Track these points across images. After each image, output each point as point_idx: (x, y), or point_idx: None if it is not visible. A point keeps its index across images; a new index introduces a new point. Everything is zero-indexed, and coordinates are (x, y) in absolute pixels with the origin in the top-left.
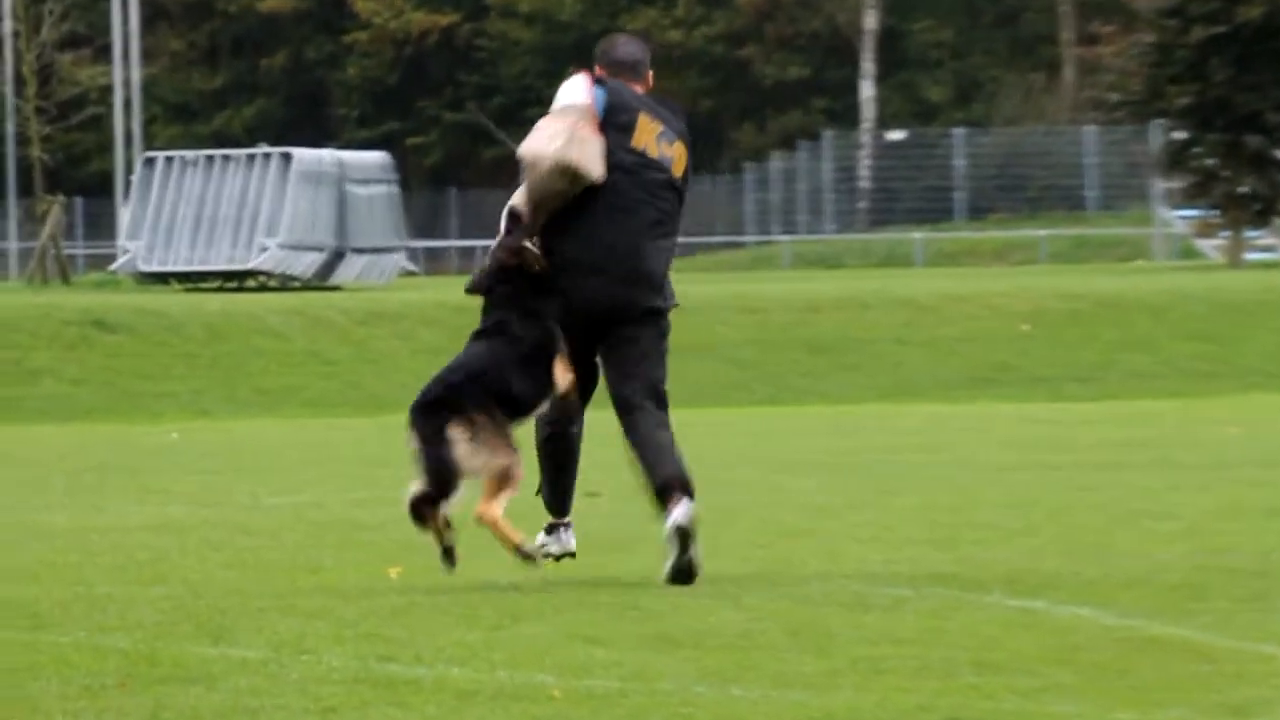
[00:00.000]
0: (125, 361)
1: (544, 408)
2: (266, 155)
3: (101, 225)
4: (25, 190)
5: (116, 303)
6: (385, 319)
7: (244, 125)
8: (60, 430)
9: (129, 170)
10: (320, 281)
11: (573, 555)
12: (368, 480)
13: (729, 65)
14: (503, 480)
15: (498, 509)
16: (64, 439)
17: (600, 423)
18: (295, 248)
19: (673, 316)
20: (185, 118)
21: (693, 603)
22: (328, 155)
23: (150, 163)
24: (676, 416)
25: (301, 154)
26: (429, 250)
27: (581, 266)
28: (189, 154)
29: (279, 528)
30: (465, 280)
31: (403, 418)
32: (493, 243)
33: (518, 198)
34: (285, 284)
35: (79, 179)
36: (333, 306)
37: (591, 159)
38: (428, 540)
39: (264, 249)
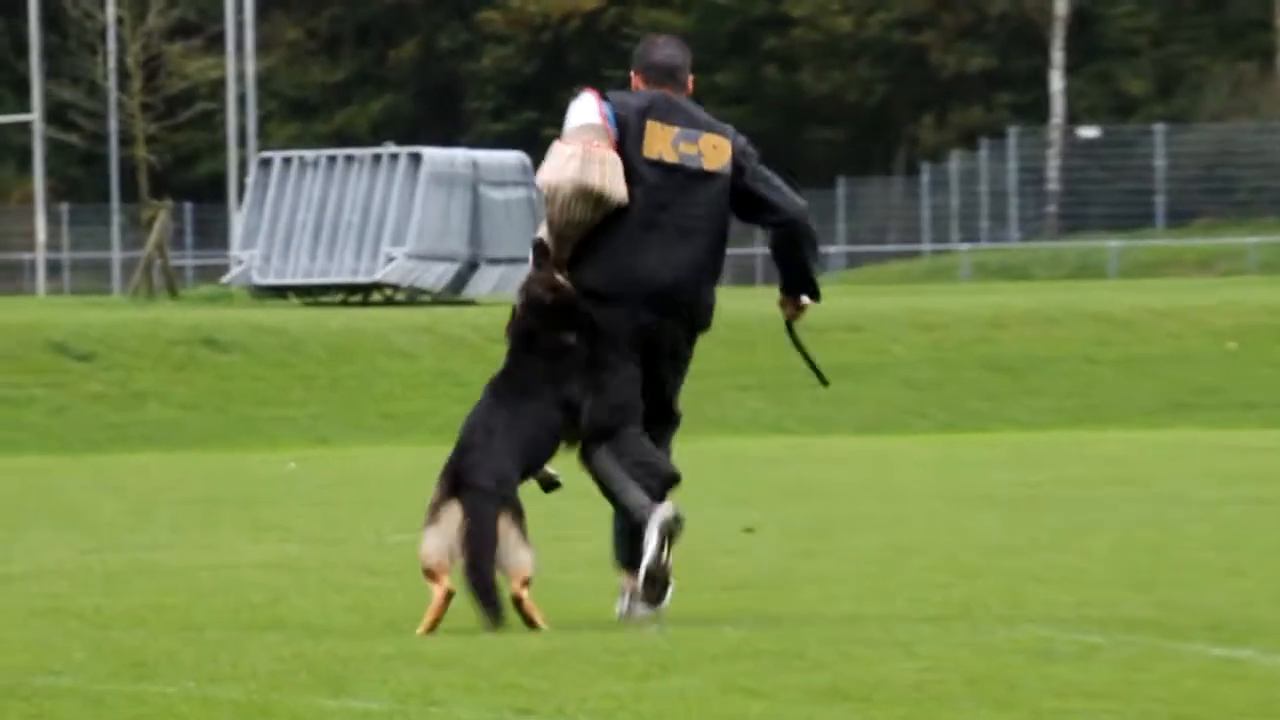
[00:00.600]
0: (238, 384)
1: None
2: (394, 156)
3: (213, 233)
4: (129, 195)
5: (229, 319)
6: None
7: (369, 122)
8: (167, 459)
9: (243, 173)
10: (452, 295)
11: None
12: None
13: (904, 55)
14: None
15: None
16: (171, 468)
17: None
18: (425, 258)
19: (843, 335)
20: (304, 114)
21: (863, 651)
22: (461, 155)
23: (266, 164)
24: (845, 445)
25: (432, 154)
26: None
27: (602, 295)
28: (308, 154)
29: (405, 567)
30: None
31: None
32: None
33: (544, 230)
34: (414, 298)
35: (188, 182)
36: (466, 323)
37: (613, 179)
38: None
39: (390, 259)
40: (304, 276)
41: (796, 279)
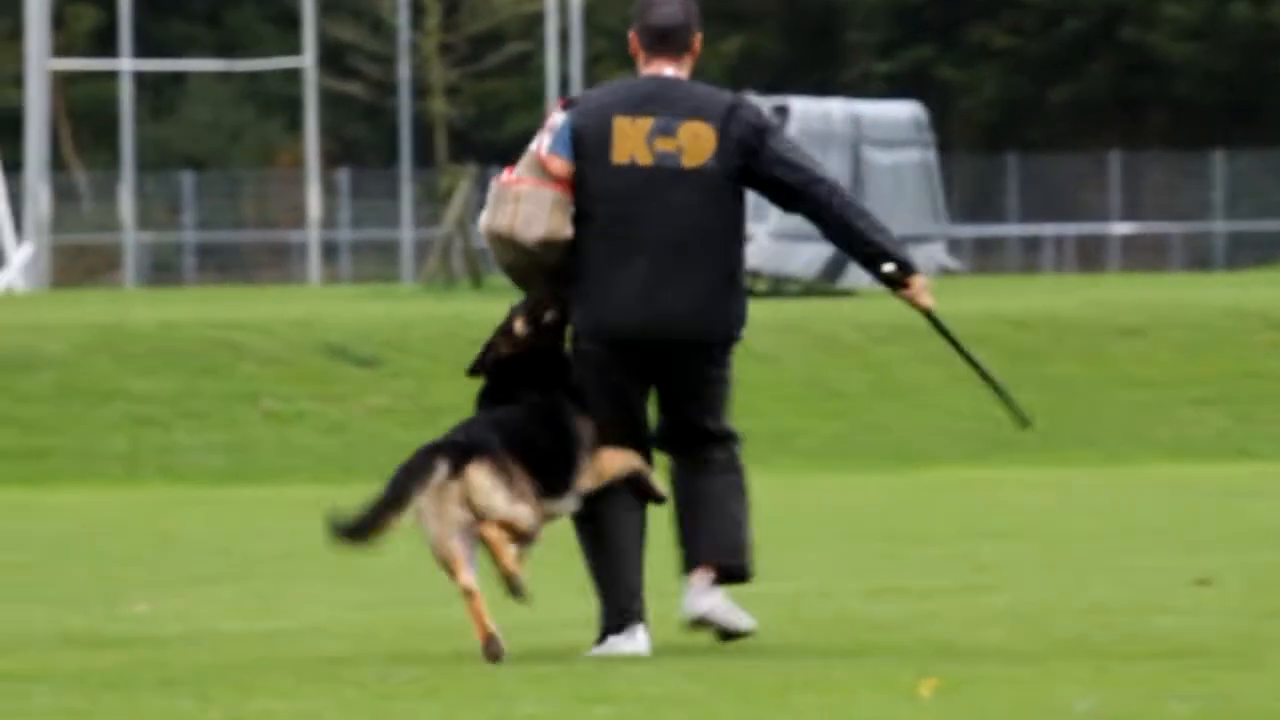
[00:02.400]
0: None
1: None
2: None
3: None
4: (423, 159)
5: None
6: (915, 336)
7: (723, 67)
8: None
9: None
10: (826, 284)
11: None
12: (892, 561)
13: None
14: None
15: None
16: None
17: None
18: (792, 238)
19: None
20: None
21: None
22: (838, 108)
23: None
24: None
25: (803, 107)
26: (978, 240)
27: (588, 332)
28: None
29: (767, 627)
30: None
31: (939, 474)
32: (1019, 229)
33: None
34: (778, 288)
35: (496, 143)
36: (843, 319)
37: (527, 220)
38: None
39: (750, 239)
40: None
41: (875, 258)
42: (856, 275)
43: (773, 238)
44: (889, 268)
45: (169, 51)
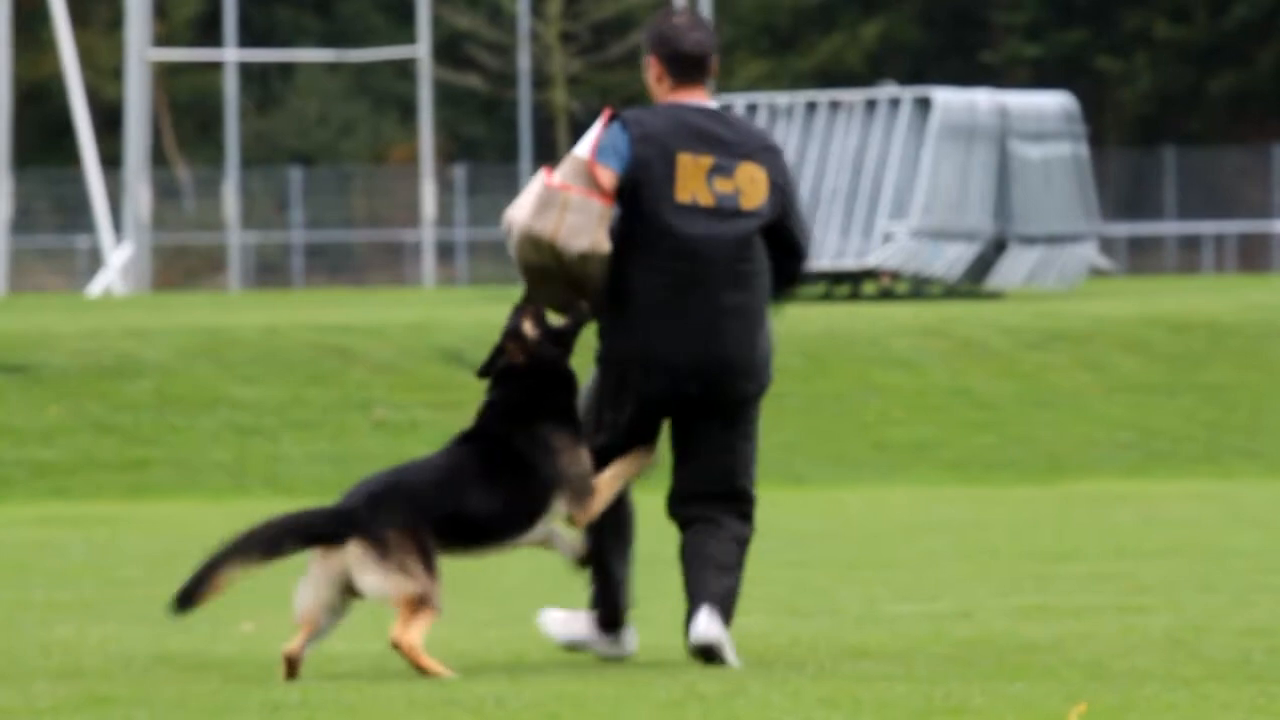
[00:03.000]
0: None
1: (525, 538)
2: (894, 100)
3: None
4: (544, 153)
5: None
6: (1068, 341)
7: (861, 55)
8: None
9: None
10: (972, 285)
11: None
12: (1040, 579)
13: None
14: (417, 607)
15: (416, 635)
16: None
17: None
18: (935, 236)
19: None
20: (775, 46)
21: None
22: (984, 100)
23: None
24: None
25: (946, 98)
26: (1133, 239)
27: (637, 361)
28: (781, 98)
29: (907, 648)
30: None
31: (1092, 487)
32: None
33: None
34: (920, 289)
35: None
36: (989, 323)
37: (573, 231)
38: None
39: (889, 238)
40: None
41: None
42: (1003, 275)
43: (913, 236)
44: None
45: (276, 41)
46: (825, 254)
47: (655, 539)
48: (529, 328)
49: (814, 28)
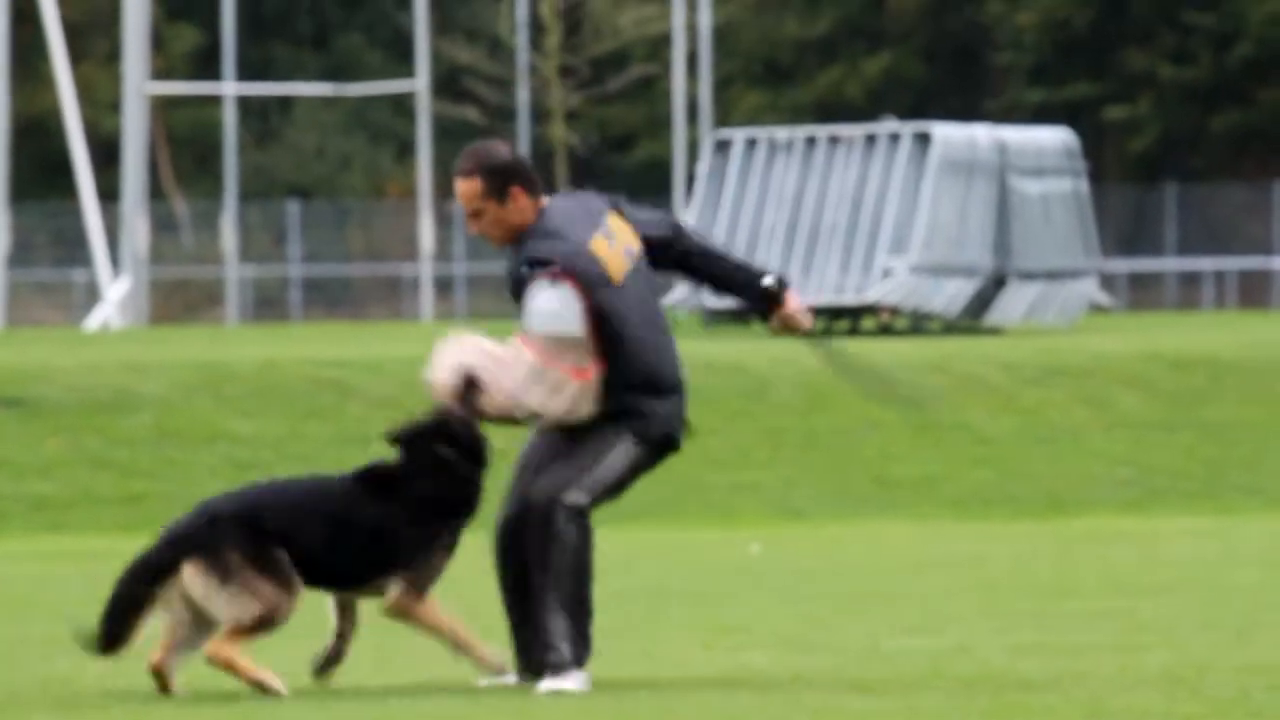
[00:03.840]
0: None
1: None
2: (894, 135)
3: None
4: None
5: None
6: (1067, 377)
7: (862, 90)
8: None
9: (692, 158)
10: (971, 321)
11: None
12: (1038, 617)
13: None
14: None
15: (233, 649)
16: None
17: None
18: (935, 272)
19: None
20: (774, 80)
21: None
22: (983, 135)
23: (724, 147)
24: None
25: (945, 133)
26: (1133, 276)
27: (662, 442)
28: (780, 133)
29: (908, 684)
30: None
31: (1092, 523)
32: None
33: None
34: (919, 325)
35: (622, 171)
36: (989, 359)
37: (592, 404)
38: None
39: (888, 273)
40: None
41: (751, 278)
42: (1002, 311)
43: (913, 271)
44: (769, 280)
45: (273, 75)
46: (824, 289)
47: (659, 573)
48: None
49: (814, 60)
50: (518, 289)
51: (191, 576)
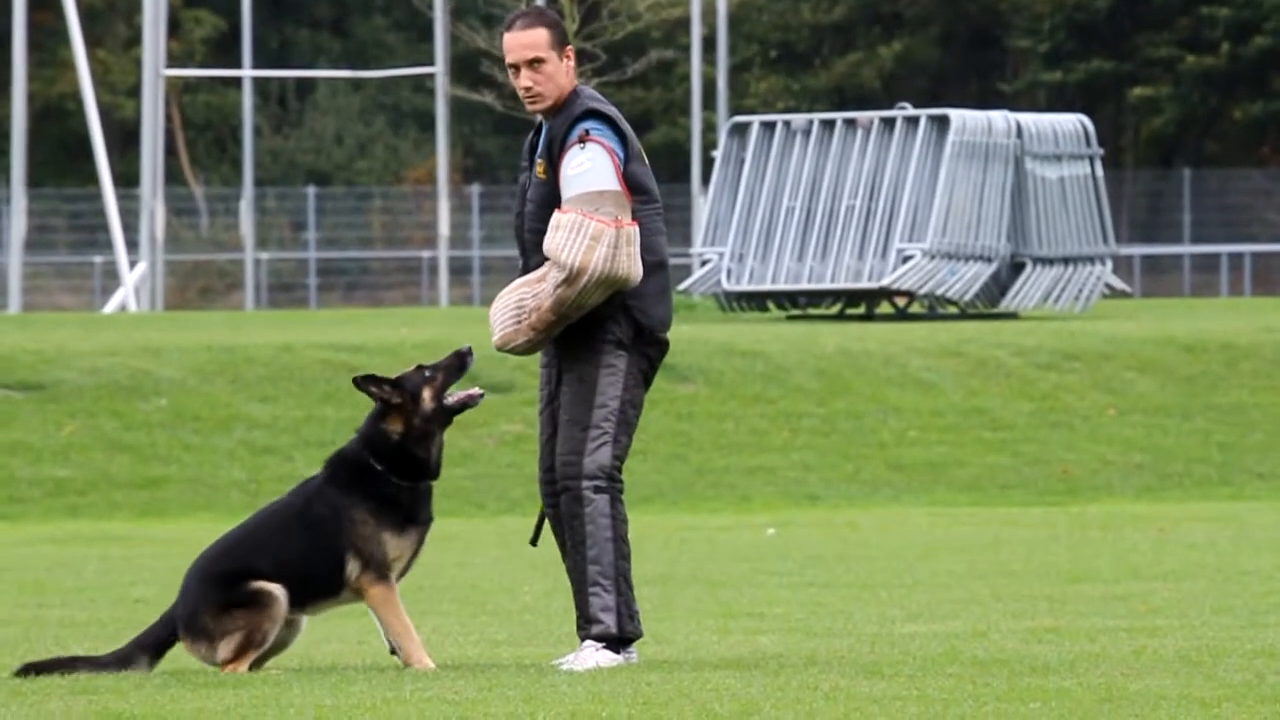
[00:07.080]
0: (700, 424)
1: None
2: (910, 120)
3: (669, 223)
4: None
5: (689, 337)
6: (1083, 362)
7: (878, 74)
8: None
9: (709, 143)
10: (987, 306)
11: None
12: (1055, 601)
13: None
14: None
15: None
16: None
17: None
18: (951, 257)
19: None
20: (791, 64)
21: None
22: (999, 120)
23: (740, 130)
24: None
25: (962, 118)
26: (1148, 259)
27: (668, 328)
28: (796, 119)
29: (920, 668)
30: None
31: (1106, 508)
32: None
33: (523, 296)
34: (935, 310)
35: None
36: (1005, 344)
37: (637, 263)
38: None
39: (906, 258)
40: (789, 281)
41: None
42: (1018, 297)
43: (929, 256)
44: None
45: (292, 61)
46: (841, 274)
47: (675, 556)
48: (428, 396)
49: (831, 46)
50: (550, 155)
51: (189, 650)
